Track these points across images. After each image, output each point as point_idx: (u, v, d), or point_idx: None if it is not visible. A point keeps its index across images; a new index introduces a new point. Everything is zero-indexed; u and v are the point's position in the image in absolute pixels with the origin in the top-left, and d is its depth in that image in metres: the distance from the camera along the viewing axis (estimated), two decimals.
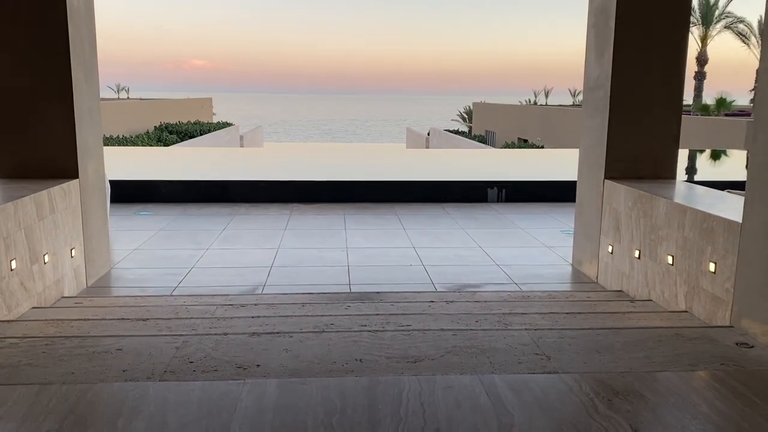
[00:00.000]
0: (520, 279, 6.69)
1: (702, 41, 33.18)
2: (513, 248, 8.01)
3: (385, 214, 10.19)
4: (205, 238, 8.42)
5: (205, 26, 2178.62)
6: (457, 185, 11.58)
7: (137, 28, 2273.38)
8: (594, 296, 5.79)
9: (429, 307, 5.13)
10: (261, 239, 8.38)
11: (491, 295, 5.75)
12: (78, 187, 6.07)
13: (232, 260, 7.37)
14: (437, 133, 52.42)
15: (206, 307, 5.13)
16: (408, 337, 4.05)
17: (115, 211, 10.10)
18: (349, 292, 5.95)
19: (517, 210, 10.55)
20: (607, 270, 6.36)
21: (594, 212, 6.63)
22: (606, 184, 6.36)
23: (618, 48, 6.19)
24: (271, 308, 5.03)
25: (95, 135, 6.54)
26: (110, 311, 5.02)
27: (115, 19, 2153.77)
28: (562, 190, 11.50)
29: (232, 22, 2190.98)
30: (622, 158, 6.36)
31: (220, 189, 11.23)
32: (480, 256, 7.63)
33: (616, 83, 6.24)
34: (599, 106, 6.50)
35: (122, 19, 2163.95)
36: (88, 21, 6.31)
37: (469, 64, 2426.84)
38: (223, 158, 16.98)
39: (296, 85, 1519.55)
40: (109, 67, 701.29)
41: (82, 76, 6.11)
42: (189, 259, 7.35)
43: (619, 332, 4.24)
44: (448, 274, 6.86)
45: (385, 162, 16.02)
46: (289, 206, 10.71)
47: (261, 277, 6.64)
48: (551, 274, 6.91)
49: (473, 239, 8.46)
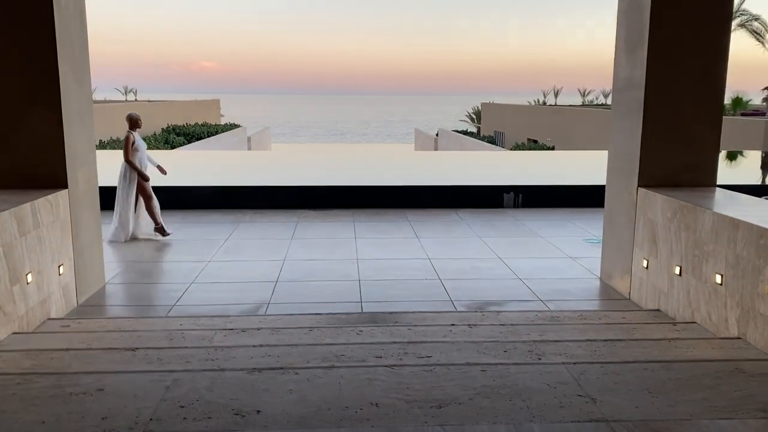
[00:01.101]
0: (545, 295, 6.17)
1: None
2: (535, 259, 7.48)
3: (396, 221, 9.69)
4: (206, 248, 7.94)
5: (214, 28, 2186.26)
6: (472, 190, 11.06)
7: (145, 30, 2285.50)
8: (630, 317, 5.27)
9: (450, 331, 4.63)
10: (266, 250, 7.89)
11: (517, 316, 5.24)
12: (67, 198, 5.60)
13: (234, 274, 6.88)
14: (446, 133, 51.85)
15: (204, 331, 4.64)
16: (430, 373, 3.55)
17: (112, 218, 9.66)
18: (361, 313, 5.45)
19: (535, 216, 10.03)
20: (641, 286, 5.84)
21: (626, 222, 6.10)
22: (640, 193, 5.83)
23: (653, 45, 5.67)
24: (274, 334, 4.54)
25: (87, 140, 6.08)
26: (98, 337, 4.54)
27: (122, 21, 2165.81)
28: (582, 195, 10.98)
29: (241, 24, 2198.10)
30: (657, 164, 5.83)
31: (223, 195, 10.76)
32: (500, 268, 7.11)
33: (651, 83, 5.71)
34: (631, 107, 5.98)
35: (129, 21, 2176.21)
36: (78, 18, 5.84)
37: (477, 65, 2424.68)
38: (227, 162, 16.52)
39: (305, 86, 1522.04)
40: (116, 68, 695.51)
41: (71, 77, 5.65)
42: (189, 272, 6.87)
43: (669, 366, 3.73)
44: (466, 289, 6.35)
45: (395, 165, 15.53)
46: (297, 213, 10.23)
47: (265, 294, 6.15)
48: (579, 290, 6.38)
49: (491, 249, 7.94)
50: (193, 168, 14.74)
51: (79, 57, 5.89)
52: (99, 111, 39.60)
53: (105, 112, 40.86)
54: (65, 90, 5.54)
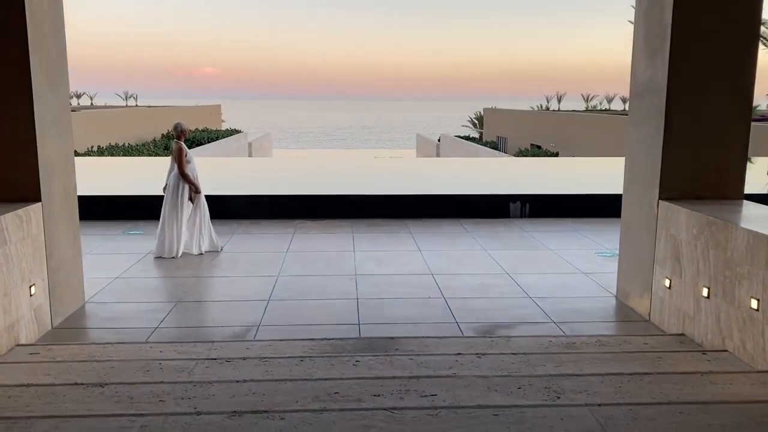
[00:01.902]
0: (558, 316, 5.71)
1: None
2: (545, 275, 7.02)
3: (397, 232, 9.25)
4: (197, 262, 7.50)
5: (216, 33, 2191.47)
6: (476, 199, 10.60)
7: (146, 35, 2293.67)
8: (653, 343, 4.81)
9: (456, 362, 4.17)
10: (259, 264, 7.44)
11: (530, 342, 4.78)
12: (40, 212, 5.16)
13: (224, 291, 6.44)
14: (448, 139, 51.42)
15: (184, 361, 4.19)
16: (435, 419, 3.10)
17: (103, 229, 9.23)
18: (358, 338, 5.00)
19: (543, 227, 9.57)
20: (663, 307, 5.38)
21: (645, 238, 5.65)
22: (661, 206, 5.38)
23: (676, 46, 5.23)
24: (262, 365, 4.09)
25: (64, 149, 5.65)
26: (66, 369, 4.09)
27: (123, 27, 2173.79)
28: (591, 205, 10.53)
29: (243, 29, 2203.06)
30: (680, 175, 5.39)
31: (218, 204, 10.26)
32: (508, 285, 6.66)
33: (673, 87, 5.27)
34: (651, 113, 5.54)
35: (131, 27, 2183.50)
36: (54, 19, 5.42)
37: (479, 69, 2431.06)
38: (223, 169, 16.09)
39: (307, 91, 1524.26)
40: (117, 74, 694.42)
41: (44, 82, 5.22)
42: (175, 290, 6.43)
43: (707, 408, 3.27)
44: (473, 309, 5.90)
45: (396, 173, 15.05)
46: (294, 223, 9.79)
47: (256, 315, 5.71)
48: (594, 310, 5.93)
49: (498, 263, 7.49)
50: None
51: (56, 61, 5.46)
52: (98, 116, 39.28)
53: (104, 117, 40.57)
54: (38, 96, 5.11)
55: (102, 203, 10.27)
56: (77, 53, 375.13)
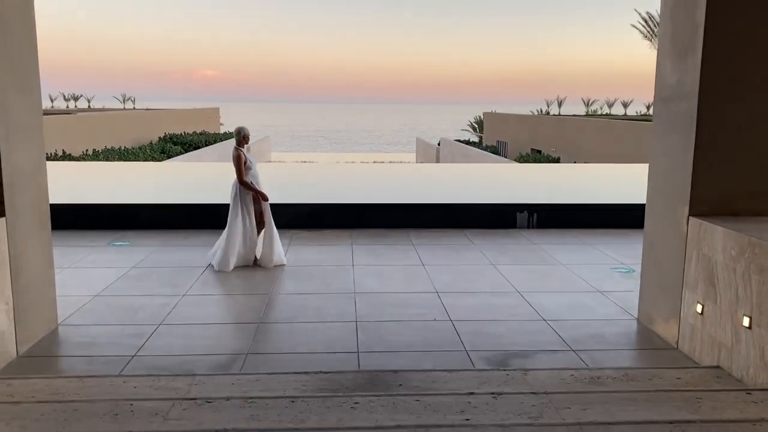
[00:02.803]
0: (577, 342, 5.20)
1: None
2: (559, 294, 6.52)
3: (399, 244, 8.74)
4: (184, 278, 6.99)
5: (216, 36, 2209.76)
6: (482, 209, 10.10)
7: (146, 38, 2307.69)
8: (688, 378, 4.30)
9: (469, 404, 3.65)
10: (252, 280, 6.93)
11: (550, 377, 4.26)
12: (4, 228, 4.65)
13: (211, 313, 5.92)
14: (448, 143, 50.95)
15: (159, 402, 3.67)
16: None
17: (87, 240, 8.72)
18: (357, 371, 4.48)
19: (552, 239, 9.07)
20: (693, 335, 4.87)
21: (673, 257, 5.14)
22: (692, 223, 4.88)
23: (709, 47, 4.73)
24: (247, 407, 3.57)
25: (35, 159, 5.13)
26: (22, 412, 3.57)
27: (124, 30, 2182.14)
28: (602, 215, 10.04)
29: (244, 32, 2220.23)
30: (712, 189, 4.88)
31: (210, 213, 9.79)
32: (520, 305, 6.15)
33: (706, 92, 4.77)
34: (680, 120, 5.04)
35: (131, 30, 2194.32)
36: (22, 17, 4.91)
37: (479, 74, 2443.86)
38: (218, 175, 15.57)
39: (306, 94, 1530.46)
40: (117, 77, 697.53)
41: (11, 85, 4.71)
42: (159, 311, 5.91)
43: None
44: (483, 334, 5.38)
45: (397, 179, 14.55)
46: (289, 233, 9.27)
47: (245, 340, 5.19)
48: (615, 335, 5.41)
49: (508, 280, 6.98)
50: (181, 181, 13.81)
51: (26, 60, 4.96)
52: (95, 119, 38.76)
53: (101, 120, 40.03)
54: (4, 101, 4.61)
55: (87, 212, 9.76)
56: (76, 56, 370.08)
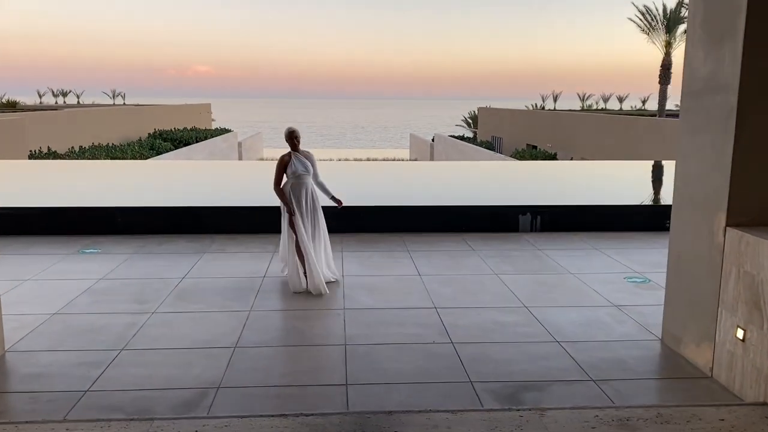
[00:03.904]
0: (596, 370, 4.56)
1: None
2: (571, 309, 5.88)
3: (393, 250, 8.09)
4: (155, 291, 6.32)
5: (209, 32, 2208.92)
6: (482, 211, 9.45)
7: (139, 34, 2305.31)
8: (733, 419, 3.66)
9: None
10: (229, 294, 6.26)
11: (570, 418, 3.62)
12: None
13: (181, 335, 5.25)
14: (442, 139, 50.30)
15: None
16: None
17: (57, 247, 8.04)
18: (345, 413, 3.82)
19: (557, 243, 8.43)
20: (733, 364, 4.24)
21: (705, 273, 4.51)
22: (730, 235, 4.24)
23: (752, 31, 4.09)
24: None
25: None
26: None
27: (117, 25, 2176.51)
28: (609, 217, 9.42)
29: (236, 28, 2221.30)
30: (754, 195, 4.25)
31: (190, 217, 9.13)
32: (529, 323, 5.51)
33: (748, 84, 4.13)
34: (714, 116, 4.40)
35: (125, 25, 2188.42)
36: None
37: (471, 68, 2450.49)
38: (201, 175, 14.86)
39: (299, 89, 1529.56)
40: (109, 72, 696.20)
41: None
42: (123, 332, 5.24)
43: None
44: (489, 360, 4.74)
45: (390, 179, 13.87)
46: (275, 239, 8.57)
47: (216, 370, 4.53)
48: (638, 360, 4.77)
49: (513, 292, 6.34)
50: (162, 183, 13.10)
51: None
52: (82, 115, 37.89)
53: (88, 116, 39.13)
54: None
55: (59, 215, 9.06)
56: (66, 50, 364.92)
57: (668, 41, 33.19)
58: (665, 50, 33.29)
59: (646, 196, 11.80)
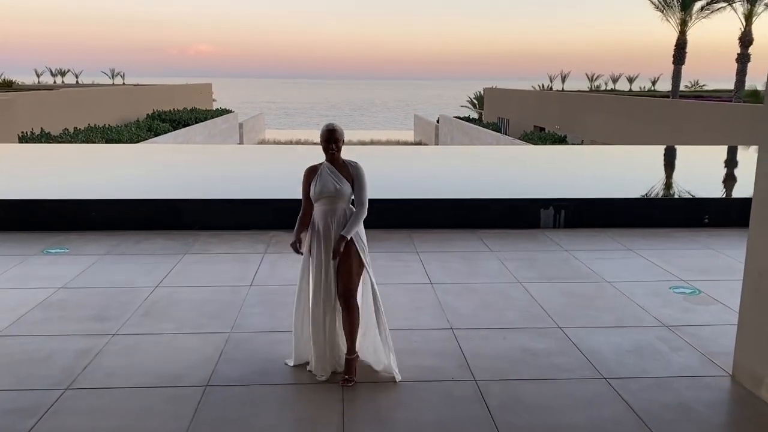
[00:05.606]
0: (658, 422, 3.61)
1: (747, 19, 29.73)
2: (613, 331, 4.91)
3: (400, 251, 7.13)
4: (121, 305, 5.37)
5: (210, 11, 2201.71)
6: (498, 205, 8.44)
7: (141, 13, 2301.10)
8: None
9: None
10: (207, 310, 5.31)
11: None
12: None
13: (142, 369, 4.28)
14: (447, 120, 49.09)
15: None
16: None
17: (20, 246, 7.10)
18: None
19: (586, 243, 7.45)
20: None
21: None
22: None
23: None
24: None
25: None
26: None
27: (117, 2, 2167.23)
28: (640, 211, 8.45)
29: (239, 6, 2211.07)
30: None
31: (172, 211, 8.15)
32: (565, 350, 4.54)
33: None
34: None
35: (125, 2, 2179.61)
36: None
37: (477, 48, 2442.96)
38: (191, 162, 13.84)
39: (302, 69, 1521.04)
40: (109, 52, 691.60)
41: None
42: (71, 364, 4.29)
43: None
44: (522, 405, 3.78)
45: (396, 167, 12.83)
46: (266, 236, 7.66)
47: (182, 417, 3.59)
48: (708, 407, 3.81)
49: (542, 307, 5.38)
50: (146, 171, 12.11)
51: None
52: (79, 95, 36.78)
53: (86, 96, 38.02)
54: None
55: (27, 209, 8.10)
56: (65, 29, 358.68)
57: (683, 19, 31.80)
58: (680, 29, 31.93)
59: (676, 186, 10.77)
